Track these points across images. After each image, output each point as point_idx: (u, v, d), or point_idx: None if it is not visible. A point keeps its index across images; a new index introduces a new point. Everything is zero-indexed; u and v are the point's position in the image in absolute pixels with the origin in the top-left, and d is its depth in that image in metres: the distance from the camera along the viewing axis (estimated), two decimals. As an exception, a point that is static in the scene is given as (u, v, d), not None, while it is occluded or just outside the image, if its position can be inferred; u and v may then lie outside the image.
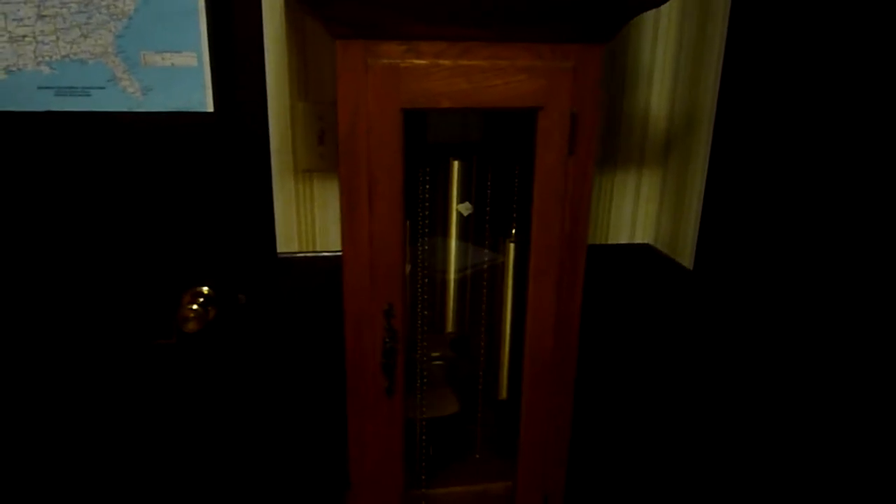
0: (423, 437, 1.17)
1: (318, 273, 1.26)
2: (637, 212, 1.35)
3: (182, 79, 1.11)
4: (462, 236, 1.08)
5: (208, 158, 1.16)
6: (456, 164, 1.05)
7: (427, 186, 1.04)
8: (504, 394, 1.17)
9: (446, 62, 0.90)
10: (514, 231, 1.08)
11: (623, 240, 1.36)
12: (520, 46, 0.92)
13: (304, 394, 1.30)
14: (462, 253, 1.09)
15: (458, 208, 1.05)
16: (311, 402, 1.30)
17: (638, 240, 1.37)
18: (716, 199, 1.16)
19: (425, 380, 1.14)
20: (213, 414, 1.29)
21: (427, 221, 1.06)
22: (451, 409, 1.23)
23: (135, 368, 1.25)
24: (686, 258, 1.25)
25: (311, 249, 1.26)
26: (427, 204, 1.05)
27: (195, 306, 1.17)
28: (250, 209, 1.21)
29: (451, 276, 1.10)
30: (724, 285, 1.14)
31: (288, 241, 1.25)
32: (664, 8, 1.25)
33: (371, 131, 0.91)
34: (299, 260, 1.26)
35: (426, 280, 1.09)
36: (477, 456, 1.23)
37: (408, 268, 1.08)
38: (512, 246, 1.08)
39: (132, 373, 1.25)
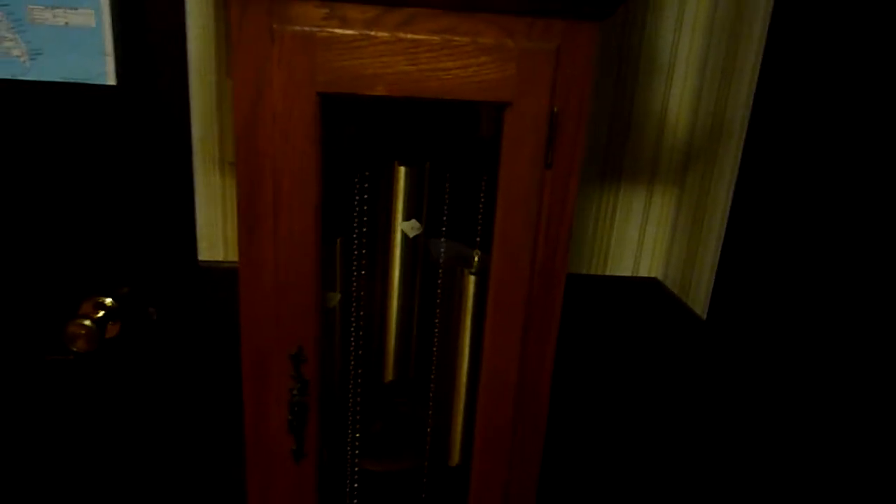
0: (355, 501, 0.95)
1: (247, 288, 1.03)
2: (644, 239, 1.10)
3: (77, 42, 0.89)
4: (408, 262, 0.85)
5: (111, 143, 0.95)
6: (402, 170, 0.81)
7: (365, 196, 0.81)
8: (457, 458, 0.94)
9: (382, 34, 0.67)
10: (475, 259, 0.85)
11: (625, 272, 1.12)
12: (484, 18, 0.68)
13: (220, 433, 1.08)
14: (408, 282, 0.86)
15: (401, 227, 0.82)
16: (224, 447, 1.09)
17: (643, 273, 1.12)
18: (742, 231, 0.91)
19: (357, 435, 0.91)
20: (107, 451, 1.08)
21: (365, 241, 0.83)
22: (394, 468, 1.00)
23: (22, 388, 1.04)
24: (699, 302, 1.00)
25: (239, 259, 1.04)
26: (365, 219, 0.82)
27: (87, 322, 0.96)
28: (165, 207, 1.00)
29: (393, 310, 0.87)
30: (744, 344, 0.89)
31: (211, 246, 1.04)
32: (694, -13, 1.00)
33: (278, 120, 0.68)
34: (225, 270, 1.04)
35: (361, 314, 0.86)
36: (423, 526, 1.01)
37: (336, 297, 0.85)
38: (472, 279, 0.85)
39: (19, 393, 1.05)
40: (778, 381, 0.82)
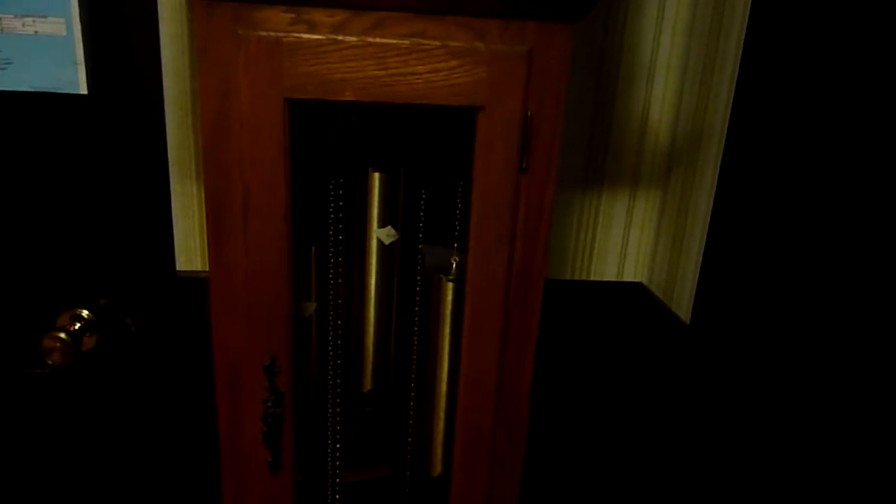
0: (337, 514, 0.93)
1: (226, 298, 1.02)
2: (628, 243, 1.09)
3: (48, 51, 0.88)
4: (384, 270, 0.83)
5: (85, 154, 0.94)
6: (377, 176, 0.80)
7: (339, 204, 0.80)
8: (438, 468, 0.93)
9: (350, 38, 0.66)
10: (453, 266, 0.83)
11: (609, 276, 1.10)
12: (455, 21, 0.67)
13: (195, 448, 1.06)
14: (384, 290, 0.84)
15: (377, 234, 0.81)
16: (202, 460, 1.07)
17: (628, 277, 1.11)
18: (724, 234, 0.90)
19: (338, 445, 0.90)
20: (83, 465, 1.06)
21: (341, 248, 0.82)
22: (369, 476, 0.99)
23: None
24: (683, 306, 0.99)
25: (217, 269, 1.03)
26: (340, 227, 0.81)
27: (62, 335, 0.94)
28: (142, 217, 0.98)
29: (371, 319, 0.85)
30: (727, 349, 0.87)
31: (189, 256, 1.02)
32: (674, -11, 0.99)
33: (245, 127, 0.67)
34: (203, 280, 1.01)
35: (339, 323, 0.85)
36: (406, 537, 0.99)
37: (312, 307, 0.84)
38: (450, 285, 0.83)
39: (-5, 407, 1.03)
40: (761, 385, 0.81)
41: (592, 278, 1.10)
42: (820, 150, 0.73)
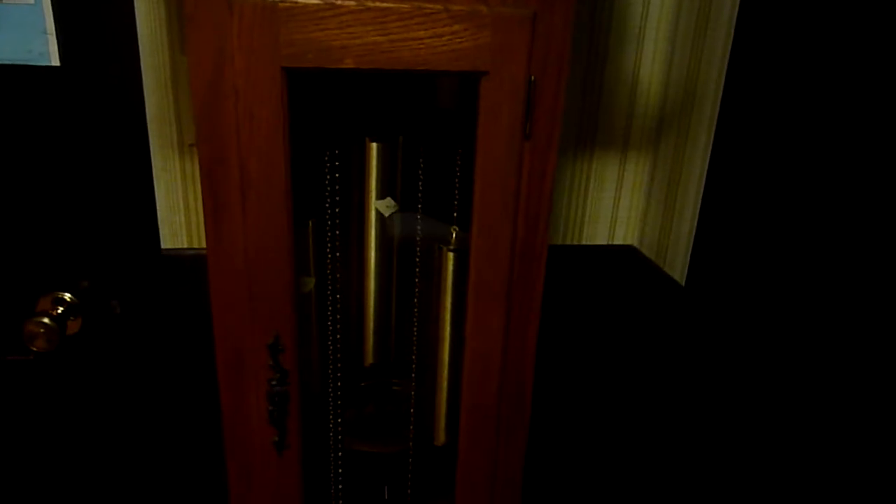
0: (341, 487, 0.93)
1: (215, 276, 0.99)
2: (618, 206, 1.09)
3: (16, 20, 0.82)
4: (384, 242, 0.82)
5: (60, 129, 0.89)
6: (374, 146, 0.78)
7: (337, 175, 0.77)
8: (442, 438, 0.93)
9: (348, 2, 0.63)
10: (453, 236, 0.82)
11: (600, 240, 1.10)
12: (456, -17, 0.64)
13: (191, 431, 1.04)
14: (384, 263, 0.83)
15: (376, 205, 0.79)
16: (199, 444, 1.05)
17: (619, 240, 1.11)
18: (718, 196, 0.90)
19: (340, 420, 0.89)
20: (73, 453, 1.04)
21: (338, 221, 0.80)
22: (386, 450, 0.99)
23: (-20, 391, 0.99)
24: (677, 268, 0.99)
25: (205, 245, 1.00)
26: (337, 199, 0.78)
27: (46, 319, 0.91)
28: (123, 194, 0.94)
29: (371, 292, 0.84)
30: (725, 310, 0.89)
31: (174, 233, 0.99)
32: (663, -53, 0.97)
33: (241, 98, 0.64)
34: (190, 258, 0.99)
35: (338, 297, 0.83)
36: (409, 506, 1.00)
37: (310, 282, 0.82)
38: (451, 255, 0.82)
39: (-23, 396, 0.99)
40: (758, 345, 0.83)
41: (584, 242, 1.10)
42: (820, 112, 0.73)
